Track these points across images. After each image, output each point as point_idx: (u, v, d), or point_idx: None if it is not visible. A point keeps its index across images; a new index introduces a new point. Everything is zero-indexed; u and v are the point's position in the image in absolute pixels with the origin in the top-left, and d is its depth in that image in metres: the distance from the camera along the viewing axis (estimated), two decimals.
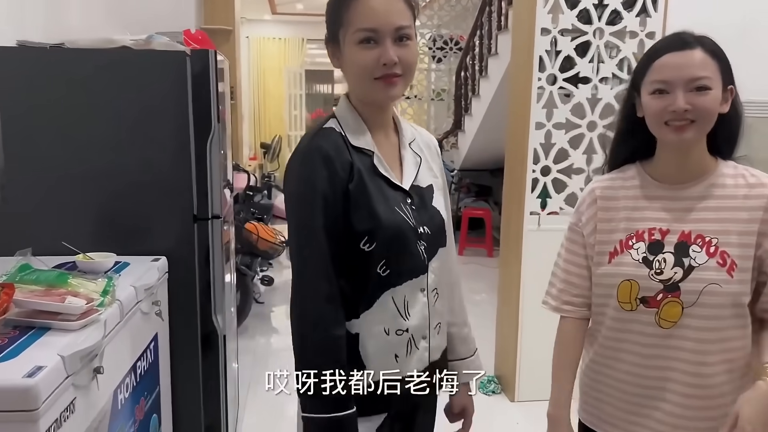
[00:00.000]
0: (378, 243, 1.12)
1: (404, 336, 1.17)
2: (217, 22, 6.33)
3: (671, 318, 1.20)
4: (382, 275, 1.14)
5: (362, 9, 1.09)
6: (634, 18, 2.77)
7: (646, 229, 1.24)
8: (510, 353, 3.04)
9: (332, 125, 1.18)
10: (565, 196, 2.88)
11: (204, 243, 2.08)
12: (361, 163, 1.14)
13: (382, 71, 1.10)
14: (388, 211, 1.13)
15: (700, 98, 1.14)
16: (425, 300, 1.19)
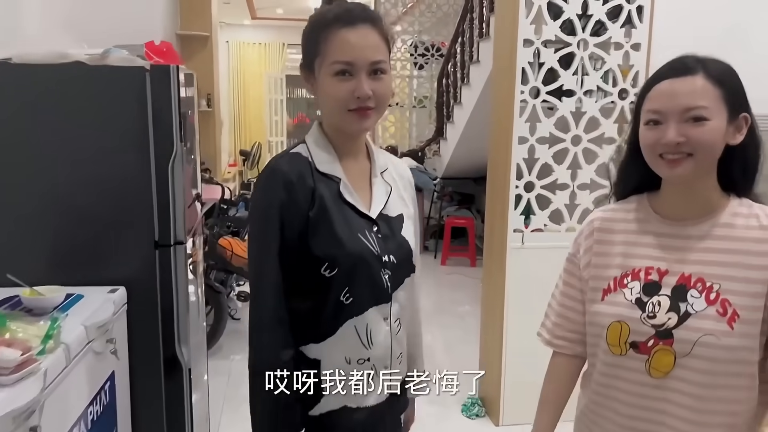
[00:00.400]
0: (339, 270, 1.12)
1: (365, 365, 1.16)
2: (194, 28, 6.19)
3: (662, 368, 1.08)
4: (345, 303, 1.13)
5: (339, 42, 1.10)
6: (619, 29, 2.68)
7: (643, 268, 1.13)
8: (494, 374, 2.94)
9: (300, 150, 1.18)
10: (549, 213, 2.78)
11: (166, 271, 1.94)
12: (325, 189, 1.14)
13: (356, 104, 1.11)
14: (350, 237, 1.13)
15: (696, 130, 1.04)
16: (388, 329, 1.18)
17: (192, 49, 6.28)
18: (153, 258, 1.92)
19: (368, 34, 1.11)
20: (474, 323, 4.38)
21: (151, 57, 2.09)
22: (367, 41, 1.11)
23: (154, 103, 1.85)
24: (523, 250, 2.78)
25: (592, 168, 2.75)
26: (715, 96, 1.05)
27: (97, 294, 1.76)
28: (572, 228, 2.79)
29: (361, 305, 1.14)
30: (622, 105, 2.72)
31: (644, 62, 2.70)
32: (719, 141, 1.06)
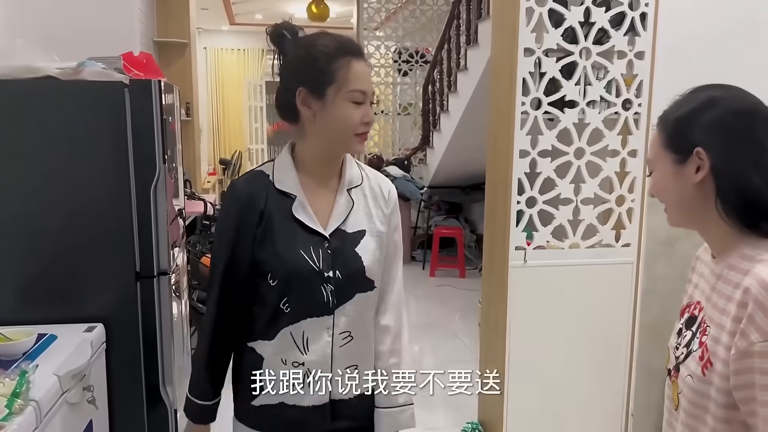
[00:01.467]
0: (280, 281, 1.23)
1: (300, 369, 1.25)
2: (172, 35, 5.99)
3: (674, 399, 1.07)
4: (285, 311, 1.24)
5: (357, 72, 1.22)
6: (622, 37, 2.57)
7: (696, 301, 1.10)
8: (496, 399, 2.80)
9: (264, 169, 1.31)
10: (552, 229, 2.65)
11: (149, 304, 1.77)
12: (277, 207, 1.25)
13: (363, 128, 1.25)
14: (288, 253, 1.23)
15: (651, 182, 1.08)
16: (329, 339, 1.26)
17: (170, 57, 6.08)
18: (134, 291, 1.76)
19: (367, 67, 1.26)
20: (468, 340, 4.26)
21: (129, 70, 1.92)
22: (369, 73, 1.27)
23: (134, 122, 1.70)
24: (526, 268, 2.65)
25: (596, 182, 2.63)
26: (658, 143, 1.04)
27: (72, 333, 1.60)
28: (576, 244, 2.67)
29: (296, 315, 1.24)
30: (626, 116, 2.61)
31: (648, 71, 2.60)
32: (669, 186, 1.03)
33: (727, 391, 0.94)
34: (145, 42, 5.41)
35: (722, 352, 0.95)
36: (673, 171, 1.01)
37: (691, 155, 0.99)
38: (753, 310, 0.89)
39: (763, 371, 0.88)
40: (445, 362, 3.92)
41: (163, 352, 1.81)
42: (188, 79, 6.24)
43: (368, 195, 1.34)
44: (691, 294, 1.13)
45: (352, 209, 1.30)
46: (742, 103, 1.01)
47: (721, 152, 0.97)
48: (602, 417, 2.80)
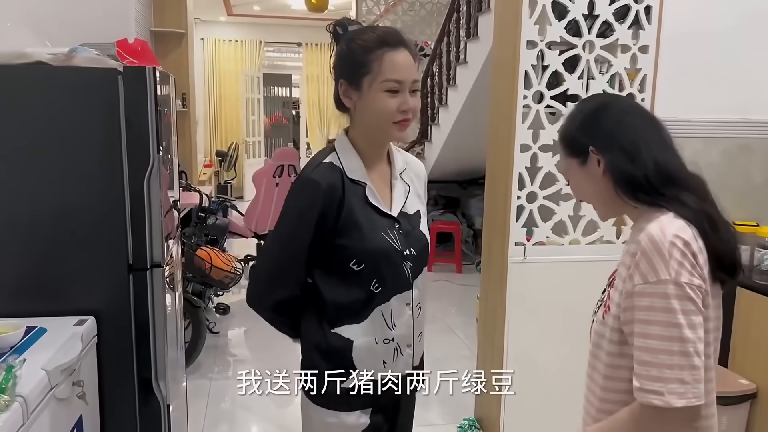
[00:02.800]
0: (366, 264, 1.29)
1: (390, 345, 1.35)
2: (169, 25, 5.93)
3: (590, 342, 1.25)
4: (375, 292, 1.31)
5: (392, 62, 1.26)
6: (626, 30, 2.53)
7: None
8: (493, 395, 2.77)
9: (332, 160, 1.33)
10: (552, 225, 2.62)
11: (142, 297, 1.73)
12: (353, 194, 1.31)
13: (401, 116, 1.28)
14: (373, 237, 1.30)
15: (572, 189, 1.25)
16: (410, 313, 1.37)
17: (166, 47, 6.03)
18: (126, 284, 1.72)
19: (408, 58, 1.28)
20: (464, 336, 4.23)
21: (124, 57, 1.87)
22: (410, 63, 1.28)
23: (127, 110, 1.65)
24: (525, 264, 2.61)
25: None
26: (563, 156, 1.22)
27: (62, 327, 1.55)
28: (576, 240, 2.64)
29: (387, 293, 1.32)
30: None
31: (652, 66, 2.56)
32: (586, 185, 1.18)
33: (617, 329, 1.11)
34: (142, 31, 5.35)
35: (616, 297, 1.11)
36: (582, 171, 1.17)
37: (588, 154, 1.15)
38: (639, 258, 1.06)
39: (640, 308, 1.05)
40: (441, 359, 3.88)
41: (156, 346, 1.77)
42: (185, 70, 6.18)
43: (414, 178, 1.45)
44: None
45: (409, 192, 1.41)
46: (596, 101, 1.24)
47: (600, 143, 1.14)
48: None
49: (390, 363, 1.35)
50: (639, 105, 1.26)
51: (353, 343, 1.32)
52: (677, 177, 1.11)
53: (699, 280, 1.03)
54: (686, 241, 1.03)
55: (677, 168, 1.13)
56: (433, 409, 3.13)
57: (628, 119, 1.15)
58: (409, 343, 1.38)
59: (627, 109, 1.19)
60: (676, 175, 1.11)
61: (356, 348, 1.32)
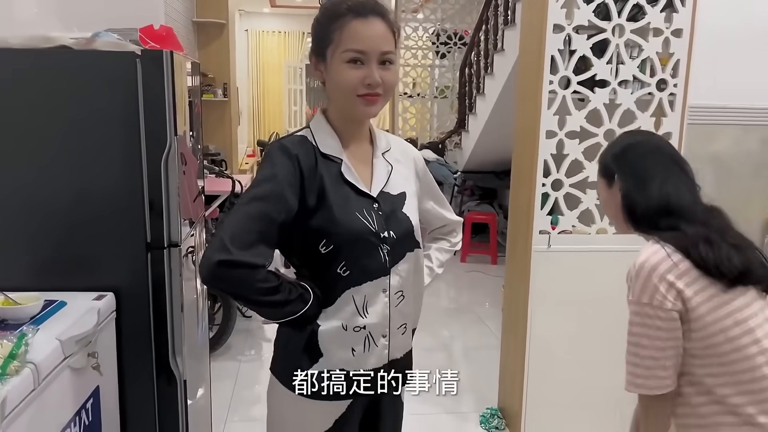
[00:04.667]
0: (335, 245, 1.20)
1: (361, 333, 1.24)
2: (210, 15, 6.05)
3: None
4: (343, 275, 1.21)
5: (353, 31, 1.18)
6: (658, 13, 2.44)
7: None
8: (516, 385, 2.75)
9: (304, 134, 1.27)
10: (578, 213, 2.57)
11: (159, 275, 1.78)
12: (326, 171, 1.22)
13: (365, 89, 1.19)
14: (346, 216, 1.21)
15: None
16: (386, 300, 1.26)
17: (208, 37, 6.15)
18: (144, 262, 1.77)
19: (378, 26, 1.19)
20: (494, 326, 4.19)
21: (146, 42, 1.92)
22: (377, 33, 1.19)
23: (145, 92, 1.69)
24: (550, 253, 2.57)
25: None
26: (598, 174, 1.44)
27: (81, 301, 1.62)
28: (603, 229, 2.58)
29: (358, 277, 1.22)
30: (660, 97, 2.49)
31: (686, 50, 2.47)
32: (607, 203, 1.42)
33: None
34: (184, 22, 5.48)
35: None
36: (607, 192, 1.40)
37: (614, 180, 1.36)
38: (629, 278, 1.28)
39: (630, 323, 1.27)
40: (470, 347, 3.87)
41: (173, 323, 1.82)
42: (225, 60, 6.29)
43: (400, 158, 1.36)
44: None
45: (392, 172, 1.32)
46: (633, 137, 1.51)
47: (622, 172, 1.35)
48: (625, 407, 2.70)
49: (360, 353, 1.24)
50: (669, 146, 1.43)
51: (318, 328, 1.22)
52: (679, 209, 1.28)
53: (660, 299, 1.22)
54: (653, 266, 1.23)
55: (684, 202, 1.29)
56: (457, 398, 3.11)
57: (652, 156, 1.35)
58: (385, 334, 1.27)
59: (655, 148, 1.38)
60: (679, 207, 1.28)
61: (322, 333, 1.22)
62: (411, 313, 1.34)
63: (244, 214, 1.13)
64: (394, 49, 1.22)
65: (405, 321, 1.31)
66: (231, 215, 1.15)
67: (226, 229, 1.11)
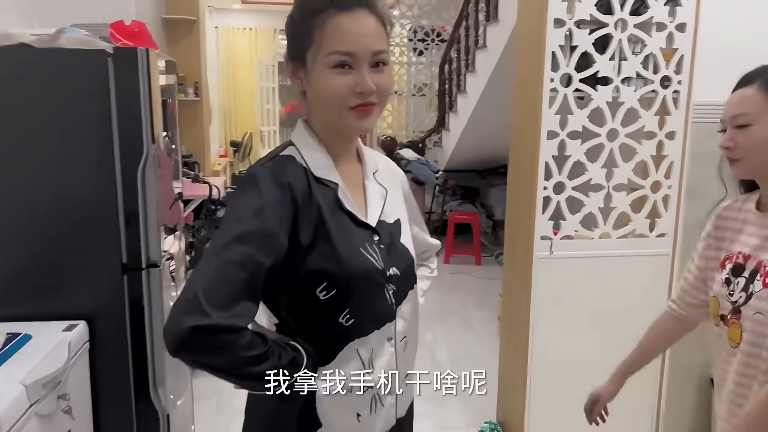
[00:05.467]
0: (339, 290, 0.98)
1: (368, 393, 1.03)
2: (180, 12, 5.81)
3: (734, 339, 1.24)
4: (345, 325, 1.00)
5: (338, 29, 0.97)
6: (662, 7, 2.33)
7: (735, 253, 1.28)
8: (517, 397, 2.62)
9: (292, 154, 1.03)
10: (581, 217, 2.44)
11: (138, 299, 1.60)
12: (322, 198, 1.00)
13: (357, 100, 0.98)
14: (351, 253, 1.00)
15: (740, 136, 1.18)
16: (393, 350, 1.06)
17: (178, 34, 5.91)
18: (120, 285, 1.59)
19: (367, 20, 0.98)
20: (483, 331, 4.08)
21: (117, 39, 1.73)
22: (366, 28, 0.98)
23: (118, 95, 1.50)
24: (552, 259, 2.44)
25: (630, 166, 2.41)
26: (762, 101, 1.17)
27: (49, 333, 1.43)
28: (607, 234, 2.46)
29: (364, 327, 1.02)
30: (665, 94, 2.38)
31: (690, 45, 2.36)
32: (763, 143, 1.17)
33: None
34: (153, 19, 5.23)
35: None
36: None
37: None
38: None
39: None
40: (460, 356, 3.74)
41: (154, 350, 1.64)
42: (197, 58, 6.06)
43: (389, 180, 1.16)
44: (728, 247, 1.31)
45: (387, 196, 1.12)
46: None
47: None
48: (632, 419, 2.60)
49: (367, 416, 1.04)
50: None
51: (316, 394, 0.99)
52: None
53: None
54: None
55: None
56: (452, 411, 2.98)
57: None
58: (392, 390, 1.07)
59: None
60: None
61: (321, 398, 1.00)
62: (412, 360, 1.14)
63: (222, 262, 0.87)
64: (387, 47, 1.01)
65: (409, 370, 1.12)
66: (205, 261, 0.89)
67: (200, 280, 0.86)
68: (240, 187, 0.97)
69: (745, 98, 1.19)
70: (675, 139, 2.42)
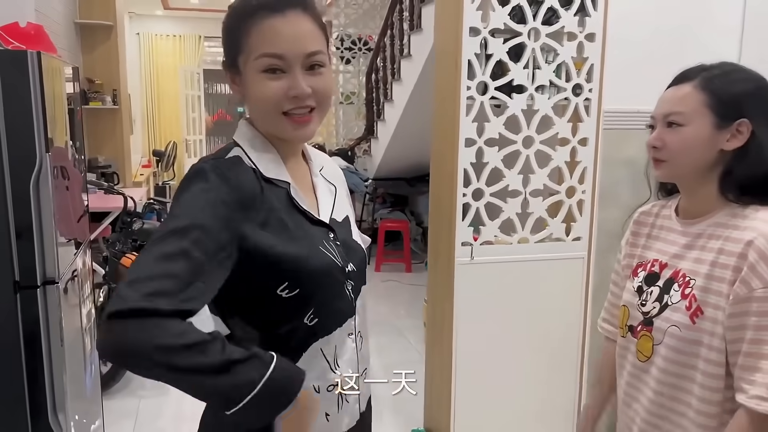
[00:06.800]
0: (302, 288, 0.95)
1: (334, 391, 1.02)
2: (95, 17, 5.59)
3: (645, 352, 1.18)
4: (309, 325, 0.98)
5: (266, 32, 0.94)
6: (572, 17, 2.41)
7: (651, 260, 1.22)
8: (443, 403, 2.63)
9: (238, 154, 0.98)
10: (500, 223, 2.48)
11: (32, 319, 1.49)
12: (275, 198, 0.97)
13: (291, 104, 0.95)
14: (312, 250, 0.98)
15: (670, 135, 1.12)
16: (354, 346, 1.06)
17: (94, 41, 5.68)
18: (12, 304, 1.47)
19: (300, 22, 0.95)
20: (414, 339, 4.09)
21: (8, 42, 1.62)
22: (299, 30, 0.94)
23: (6, 100, 1.40)
24: (473, 265, 2.47)
25: (545, 172, 2.47)
26: (698, 102, 1.09)
27: None
28: (525, 239, 2.51)
29: (327, 325, 1.00)
30: (577, 102, 2.46)
31: (599, 54, 2.45)
32: (698, 145, 1.09)
33: (722, 335, 1.05)
34: (65, 23, 4.99)
35: (714, 299, 1.06)
36: (708, 132, 1.08)
37: (732, 124, 1.07)
38: (756, 260, 1.01)
39: (760, 314, 1.00)
40: (392, 363, 3.72)
41: (53, 373, 1.53)
42: (114, 65, 5.84)
43: (334, 178, 1.15)
44: (642, 254, 1.25)
45: (336, 194, 1.11)
46: (755, 78, 1.12)
47: (762, 131, 1.06)
48: (554, 417, 2.66)
49: (335, 415, 1.02)
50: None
51: None
52: None
53: None
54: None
55: None
56: (382, 419, 2.96)
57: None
58: (355, 385, 1.06)
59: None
60: None
61: None
62: (368, 354, 1.14)
63: (152, 255, 0.81)
64: (325, 48, 0.98)
65: (365, 365, 1.11)
66: (136, 260, 0.83)
67: (130, 273, 0.80)
68: (185, 180, 0.92)
69: (680, 97, 1.11)
70: (587, 145, 2.50)
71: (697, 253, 1.12)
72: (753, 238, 1.02)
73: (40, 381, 1.51)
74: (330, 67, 1.00)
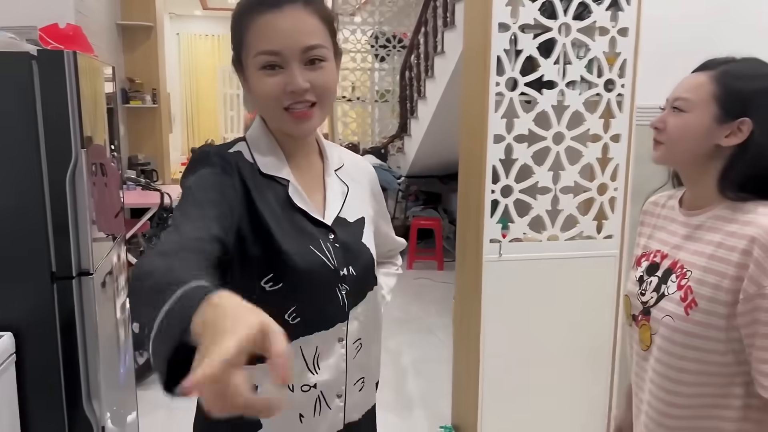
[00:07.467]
0: (285, 286, 0.96)
1: (311, 393, 1.01)
2: (137, 18, 5.73)
3: (645, 341, 1.18)
4: (291, 323, 0.97)
5: (262, 28, 0.94)
6: (604, 12, 2.37)
7: (653, 250, 1.23)
8: (470, 400, 2.62)
9: (241, 149, 1.01)
10: (529, 220, 2.46)
11: (68, 308, 1.55)
12: (272, 194, 0.99)
13: (290, 99, 0.95)
14: (300, 251, 0.97)
15: (672, 119, 1.12)
16: (342, 351, 1.03)
17: (135, 41, 5.82)
18: (50, 294, 1.53)
19: (299, 16, 0.94)
20: (444, 337, 4.08)
21: (47, 42, 1.69)
22: (297, 25, 0.93)
23: (44, 99, 1.46)
24: (501, 262, 2.45)
25: (576, 169, 2.44)
26: (709, 92, 1.08)
27: None
28: (554, 236, 2.48)
29: (308, 327, 0.99)
30: (609, 98, 2.42)
31: (632, 49, 2.41)
32: (697, 135, 1.09)
33: (719, 327, 1.04)
34: (107, 24, 5.14)
35: (710, 292, 1.05)
36: (709, 124, 1.08)
37: (734, 121, 1.06)
38: (762, 257, 0.99)
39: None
40: (419, 360, 3.73)
41: (88, 362, 1.59)
42: (154, 65, 5.97)
43: (356, 177, 1.14)
44: (646, 244, 1.26)
45: (348, 193, 1.09)
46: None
47: (762, 133, 1.05)
48: (584, 417, 2.63)
49: (310, 418, 1.01)
50: None
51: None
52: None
53: None
54: None
55: None
56: (410, 415, 2.97)
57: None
58: (340, 393, 1.05)
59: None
60: None
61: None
62: (370, 364, 1.11)
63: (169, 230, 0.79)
64: (327, 42, 0.97)
65: (363, 374, 1.09)
66: None
67: None
68: (190, 164, 0.95)
69: (694, 85, 1.10)
70: (620, 141, 2.46)
71: (696, 245, 1.12)
72: (756, 234, 1.01)
73: (76, 369, 1.57)
74: (333, 62, 0.99)
